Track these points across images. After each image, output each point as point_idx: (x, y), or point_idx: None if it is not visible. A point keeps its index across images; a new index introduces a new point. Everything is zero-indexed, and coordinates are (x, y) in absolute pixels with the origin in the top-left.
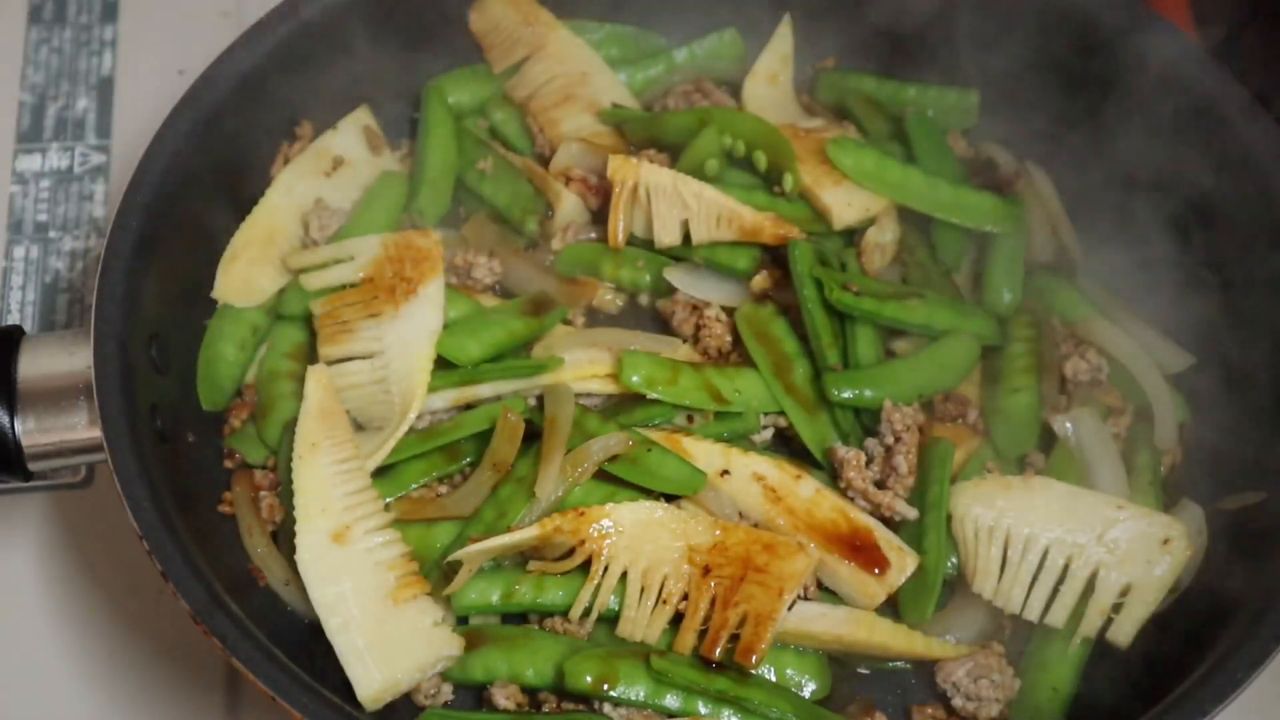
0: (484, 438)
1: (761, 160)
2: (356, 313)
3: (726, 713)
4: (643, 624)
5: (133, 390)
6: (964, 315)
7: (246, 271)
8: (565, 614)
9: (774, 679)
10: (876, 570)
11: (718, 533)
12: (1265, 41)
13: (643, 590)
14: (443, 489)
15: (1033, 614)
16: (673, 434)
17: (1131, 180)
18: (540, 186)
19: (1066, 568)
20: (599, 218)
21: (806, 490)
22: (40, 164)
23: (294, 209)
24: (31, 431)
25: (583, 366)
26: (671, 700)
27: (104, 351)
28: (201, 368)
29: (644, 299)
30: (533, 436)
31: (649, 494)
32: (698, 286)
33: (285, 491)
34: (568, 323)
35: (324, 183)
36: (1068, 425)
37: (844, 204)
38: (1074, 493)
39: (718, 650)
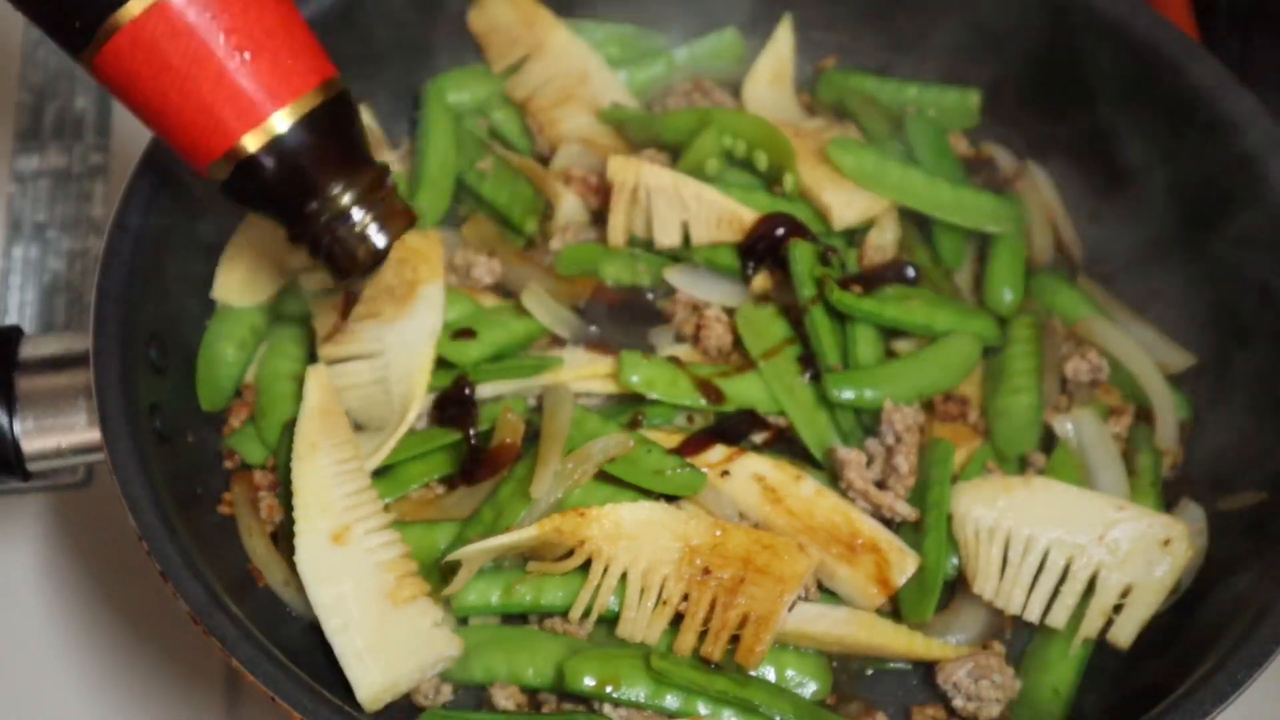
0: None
1: (762, 160)
2: (356, 313)
3: (727, 713)
4: (643, 625)
5: (132, 390)
6: (964, 315)
7: (246, 271)
8: (565, 614)
9: (774, 679)
10: (876, 571)
11: (718, 533)
12: (1267, 41)
13: (643, 591)
14: (442, 490)
15: (1033, 615)
16: (673, 434)
17: (1132, 180)
18: (540, 186)
19: (1067, 568)
20: (599, 218)
21: (806, 490)
22: (39, 164)
23: None
24: (30, 432)
25: (582, 366)
26: (671, 701)
27: (103, 352)
28: (201, 368)
29: (644, 299)
30: (533, 437)
31: (649, 494)
32: (698, 287)
33: (284, 492)
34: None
35: None
36: (1068, 425)
37: (844, 204)
38: (1075, 493)
39: (718, 651)
